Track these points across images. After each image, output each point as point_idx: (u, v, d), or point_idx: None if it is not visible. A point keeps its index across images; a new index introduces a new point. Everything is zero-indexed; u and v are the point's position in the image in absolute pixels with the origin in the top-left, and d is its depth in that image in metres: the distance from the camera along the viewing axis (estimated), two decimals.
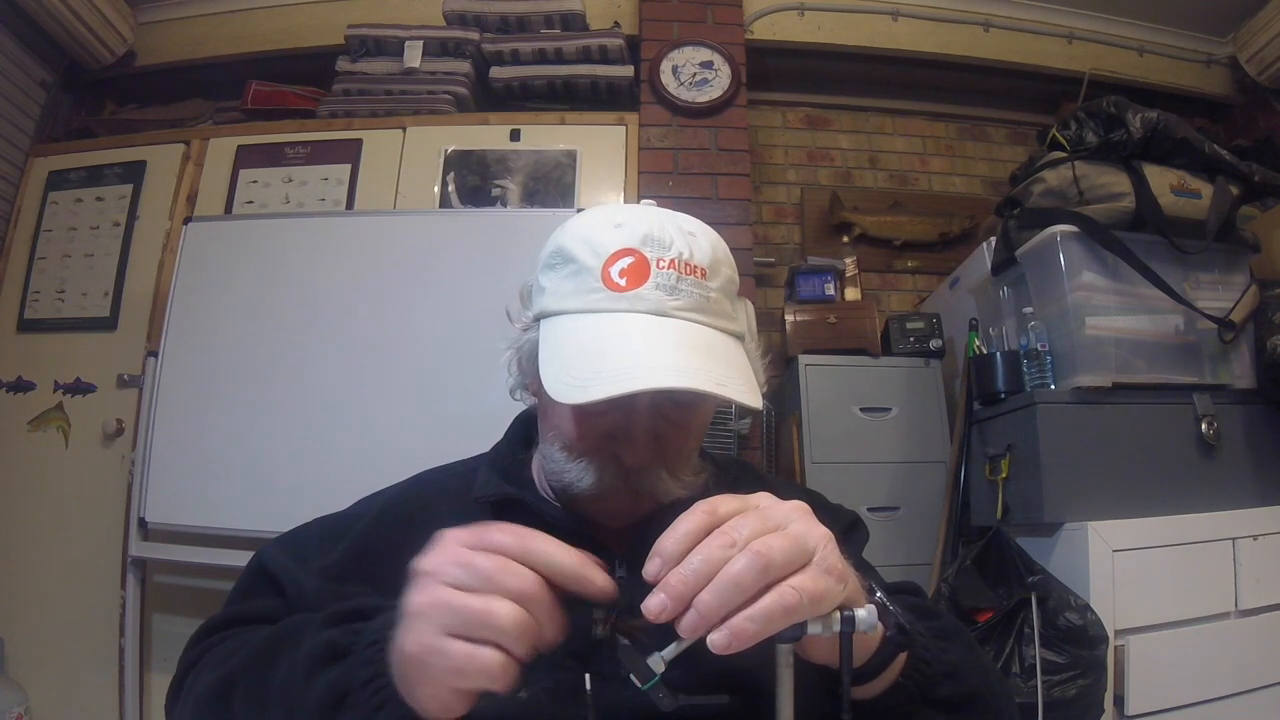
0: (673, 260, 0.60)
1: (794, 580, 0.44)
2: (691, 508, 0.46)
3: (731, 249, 0.67)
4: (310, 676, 0.50)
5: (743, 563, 0.42)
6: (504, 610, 0.42)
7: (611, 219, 0.63)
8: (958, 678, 0.55)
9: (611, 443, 0.62)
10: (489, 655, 0.41)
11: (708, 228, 0.65)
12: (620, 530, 0.67)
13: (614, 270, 0.60)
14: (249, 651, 0.57)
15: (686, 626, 0.41)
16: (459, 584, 0.43)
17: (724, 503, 0.47)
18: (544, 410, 0.68)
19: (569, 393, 0.55)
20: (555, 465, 0.65)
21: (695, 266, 0.60)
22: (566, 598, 0.45)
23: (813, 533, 0.47)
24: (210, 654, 0.61)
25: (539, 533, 0.45)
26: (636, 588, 0.45)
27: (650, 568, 0.44)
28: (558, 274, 0.63)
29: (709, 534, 0.45)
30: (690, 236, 0.62)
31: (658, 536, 0.47)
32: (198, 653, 0.62)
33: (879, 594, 0.50)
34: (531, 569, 0.44)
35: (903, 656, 0.53)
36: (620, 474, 0.62)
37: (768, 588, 0.43)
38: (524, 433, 0.76)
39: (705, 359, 0.57)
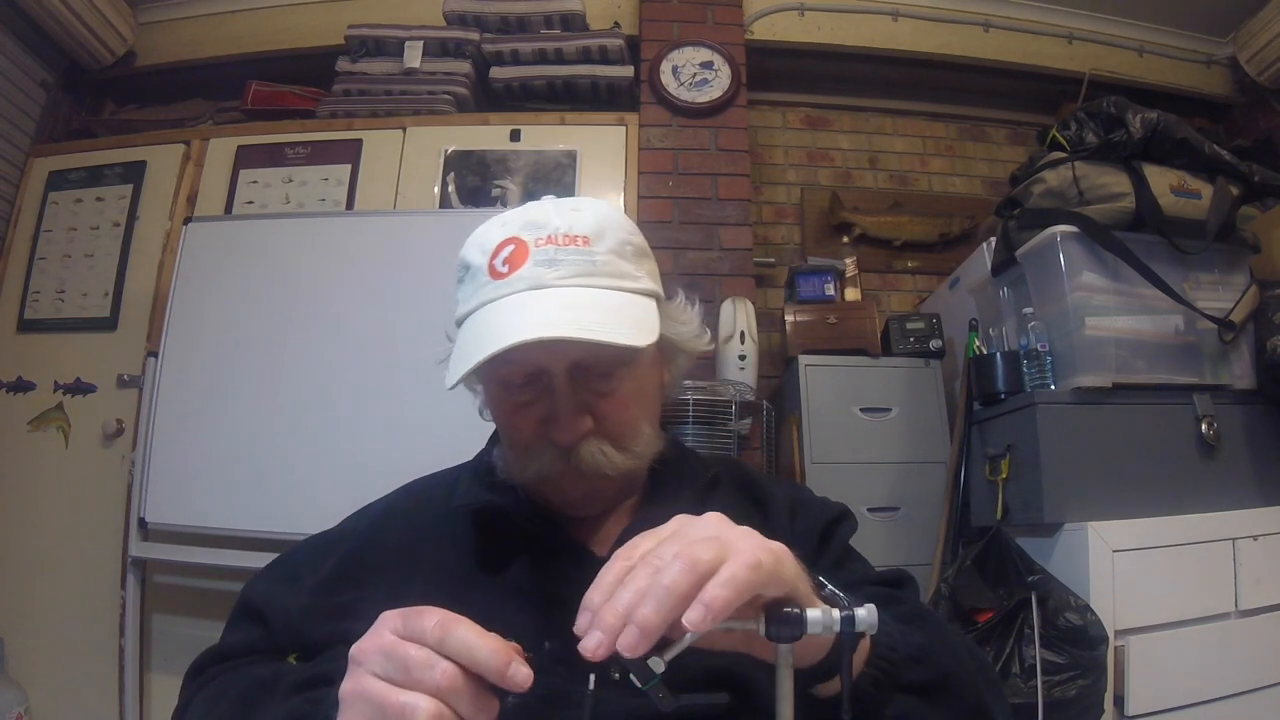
0: (549, 236, 0.62)
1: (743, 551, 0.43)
2: (612, 557, 0.45)
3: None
4: None
5: (673, 569, 0.41)
6: (423, 708, 0.41)
7: (501, 218, 0.65)
8: (926, 661, 0.55)
9: (546, 427, 0.63)
10: None
11: (601, 202, 0.67)
12: (601, 526, 0.68)
13: (497, 261, 0.62)
14: (226, 709, 0.58)
15: (627, 643, 0.40)
16: (385, 674, 0.43)
17: (641, 543, 0.46)
18: (493, 417, 0.70)
19: (448, 380, 0.59)
20: (507, 464, 0.66)
21: (575, 237, 0.62)
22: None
23: (734, 532, 0.46)
24: (197, 698, 0.62)
25: (462, 621, 0.44)
26: None
27: (581, 621, 0.42)
28: (462, 284, 0.66)
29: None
30: (573, 212, 0.64)
31: (641, 533, 0.47)
32: (189, 694, 0.64)
33: (828, 586, 0.50)
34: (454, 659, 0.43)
35: (865, 648, 0.52)
36: (560, 456, 0.63)
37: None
38: None
39: (579, 313, 0.58)
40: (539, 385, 0.62)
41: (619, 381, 0.63)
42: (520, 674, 0.42)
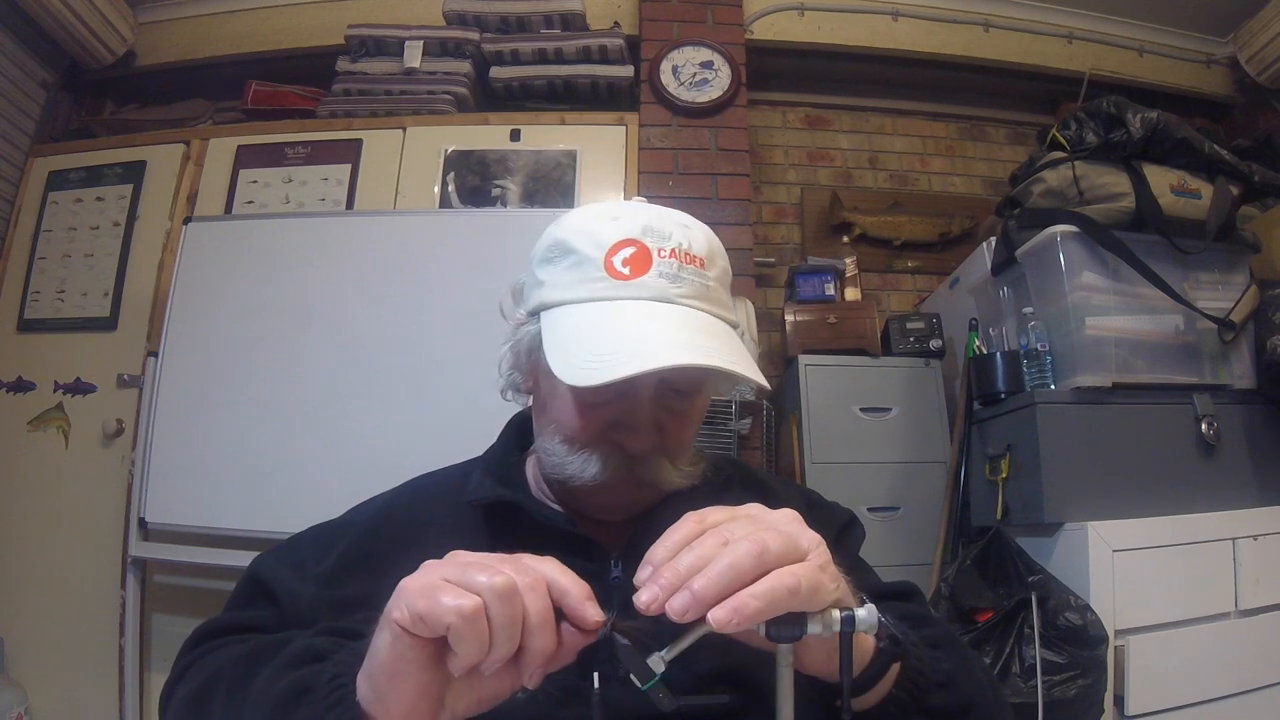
0: (674, 250, 0.61)
1: (792, 567, 0.44)
2: (682, 519, 0.46)
3: (731, 249, 0.68)
4: (281, 674, 0.51)
5: (741, 549, 0.42)
6: (499, 580, 0.41)
7: (608, 213, 0.64)
8: (951, 688, 0.55)
9: (615, 432, 0.62)
10: (470, 599, 0.40)
11: (699, 221, 0.67)
12: (614, 527, 0.68)
13: (616, 260, 0.61)
14: (235, 655, 0.58)
15: (678, 607, 0.41)
16: (455, 576, 0.43)
17: (713, 513, 0.47)
18: (542, 404, 0.68)
19: (580, 376, 0.55)
20: (557, 459, 0.65)
21: (695, 256, 0.62)
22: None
23: (805, 535, 0.47)
24: (201, 661, 0.62)
25: (554, 561, 0.45)
26: (633, 587, 0.45)
27: (642, 574, 0.44)
28: (557, 266, 0.64)
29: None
30: (686, 229, 0.64)
31: (653, 533, 0.47)
32: (191, 659, 0.63)
33: (869, 604, 0.50)
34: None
35: (895, 667, 0.52)
36: (625, 463, 0.62)
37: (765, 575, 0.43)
38: (518, 435, 0.77)
39: (711, 340, 0.58)
40: (615, 389, 0.60)
41: (692, 403, 0.64)
42: (594, 612, 0.43)
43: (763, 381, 0.59)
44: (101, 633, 1.84)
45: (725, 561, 0.42)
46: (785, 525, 0.47)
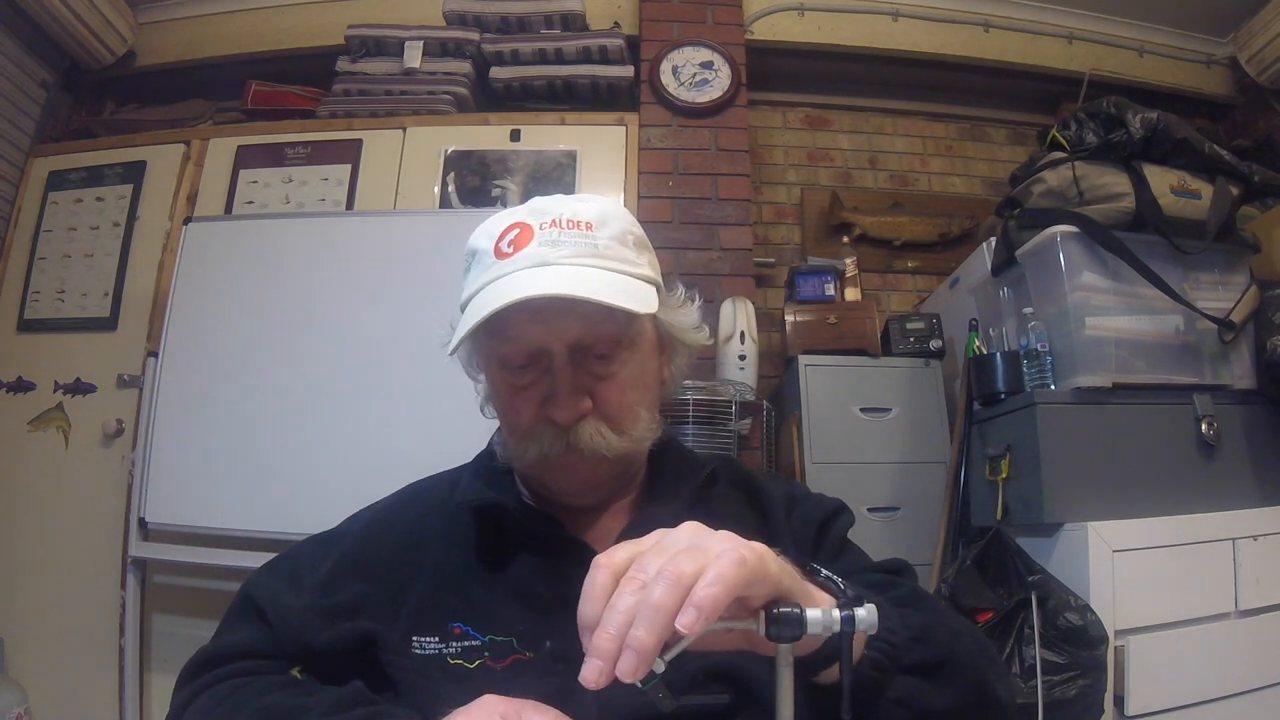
0: (554, 220, 0.64)
1: (723, 551, 0.43)
2: (591, 566, 0.45)
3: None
4: None
5: (658, 588, 0.41)
6: None
7: (510, 209, 0.68)
8: (925, 641, 0.55)
9: (546, 408, 0.64)
10: None
11: (607, 199, 0.70)
12: (603, 528, 0.68)
13: (503, 243, 0.64)
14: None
15: (626, 670, 0.40)
16: None
17: (619, 552, 0.46)
18: (493, 402, 0.71)
19: (449, 348, 0.62)
20: (507, 449, 0.67)
21: (578, 221, 0.64)
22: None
23: (712, 536, 0.46)
24: (197, 702, 0.61)
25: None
26: None
27: (584, 642, 0.43)
28: (469, 271, 0.68)
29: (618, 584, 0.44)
30: (578, 202, 0.66)
31: (639, 535, 0.47)
32: (188, 694, 0.63)
33: (822, 571, 0.50)
34: None
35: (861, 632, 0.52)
36: (560, 437, 0.64)
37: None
38: None
39: (580, 283, 0.60)
40: (539, 367, 0.63)
41: (618, 365, 0.64)
42: None
43: (628, 307, 0.60)
44: (101, 633, 1.84)
45: (649, 605, 0.41)
46: (691, 540, 0.45)
